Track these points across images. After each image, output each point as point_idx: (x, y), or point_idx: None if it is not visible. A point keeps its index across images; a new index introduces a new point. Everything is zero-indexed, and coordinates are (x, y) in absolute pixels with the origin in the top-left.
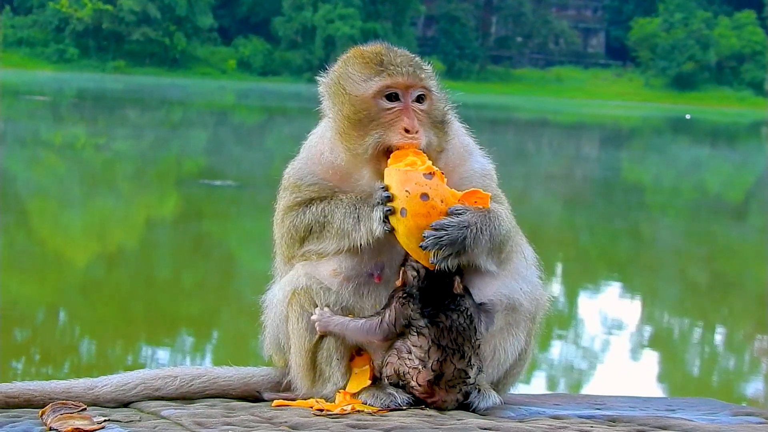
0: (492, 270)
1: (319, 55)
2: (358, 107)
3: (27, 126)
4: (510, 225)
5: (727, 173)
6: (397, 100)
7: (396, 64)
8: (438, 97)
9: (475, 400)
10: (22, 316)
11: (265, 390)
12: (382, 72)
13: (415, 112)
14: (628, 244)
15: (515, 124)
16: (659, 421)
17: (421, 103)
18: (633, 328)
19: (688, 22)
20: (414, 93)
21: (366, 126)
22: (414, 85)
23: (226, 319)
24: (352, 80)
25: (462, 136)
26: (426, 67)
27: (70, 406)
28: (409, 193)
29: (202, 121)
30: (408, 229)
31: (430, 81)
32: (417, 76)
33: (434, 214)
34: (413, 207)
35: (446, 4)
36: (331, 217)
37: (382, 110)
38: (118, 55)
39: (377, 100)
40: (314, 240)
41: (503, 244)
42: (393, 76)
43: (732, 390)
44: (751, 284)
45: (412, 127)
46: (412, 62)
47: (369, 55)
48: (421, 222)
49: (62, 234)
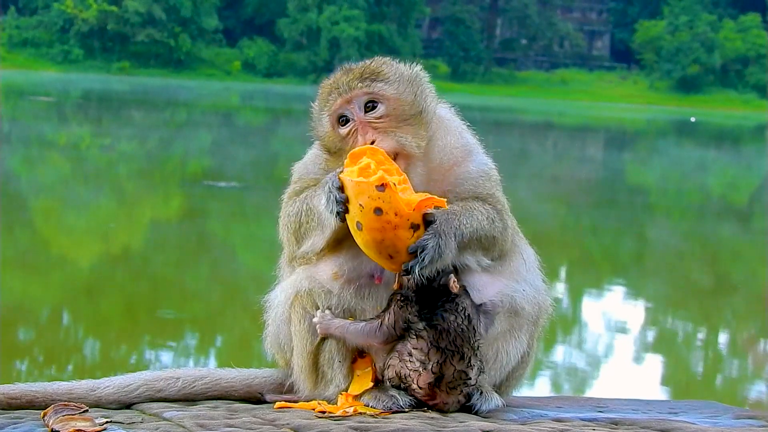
0: (486, 265)
1: (323, 56)
2: (328, 143)
3: (32, 126)
4: (493, 222)
5: (732, 176)
6: (349, 120)
7: (338, 86)
8: (398, 95)
9: (477, 403)
10: (25, 317)
11: (268, 392)
12: (327, 102)
13: (370, 122)
14: (631, 246)
15: (520, 127)
16: (661, 424)
17: (374, 110)
18: (636, 330)
19: (693, 25)
20: (359, 104)
21: (340, 156)
22: (354, 97)
23: (230, 321)
24: (315, 121)
25: (461, 135)
26: (381, 68)
27: (72, 408)
28: (363, 207)
29: (207, 122)
30: (365, 242)
31: (376, 84)
32: (353, 88)
33: (389, 229)
34: (368, 222)
35: (451, 6)
36: (311, 202)
37: (344, 138)
38: (123, 56)
39: (336, 130)
40: (305, 234)
41: (481, 239)
42: (334, 100)
43: (735, 393)
44: (755, 287)
45: (363, 142)
46: (354, 74)
47: (323, 89)
48: (377, 236)
49: (66, 234)
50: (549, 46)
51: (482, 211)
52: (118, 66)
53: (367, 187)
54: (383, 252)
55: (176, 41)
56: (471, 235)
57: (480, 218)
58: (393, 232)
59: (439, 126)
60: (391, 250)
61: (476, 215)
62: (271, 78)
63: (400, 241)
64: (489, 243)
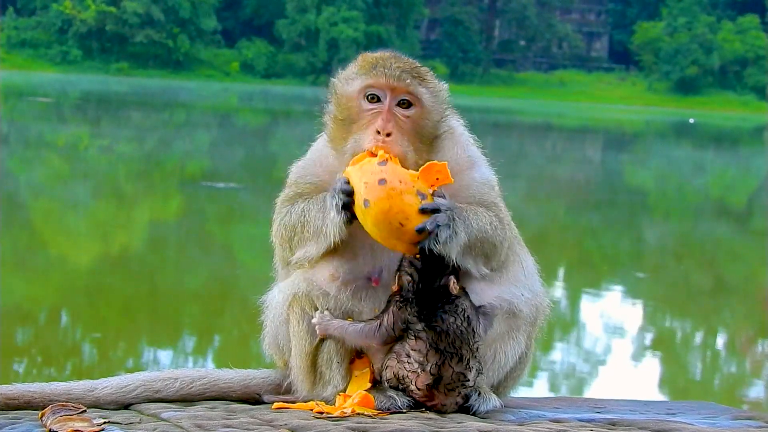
0: (484, 273)
1: (322, 57)
2: (343, 106)
3: (30, 127)
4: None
5: (730, 177)
6: (379, 101)
7: (386, 66)
8: (430, 108)
9: (475, 403)
10: (23, 317)
11: (265, 392)
12: (369, 72)
13: (395, 116)
14: (630, 247)
15: (519, 128)
16: (659, 424)
17: (407, 108)
18: (634, 331)
19: (691, 27)
20: (397, 97)
21: (348, 127)
22: (397, 88)
23: (228, 322)
24: (343, 79)
25: (468, 147)
26: (426, 76)
27: (70, 408)
28: (367, 183)
29: (206, 123)
30: (374, 218)
31: (420, 88)
32: (403, 80)
33: (395, 195)
34: (374, 194)
35: (450, 7)
36: (308, 215)
37: (363, 111)
38: (121, 57)
39: (359, 101)
40: (299, 243)
41: (484, 243)
42: (376, 76)
43: (733, 394)
44: (753, 288)
45: (382, 128)
46: (406, 67)
47: (369, 58)
48: (384, 205)
49: (65, 235)
50: (547, 47)
51: (486, 215)
52: (117, 67)
53: (369, 165)
54: (393, 221)
55: (175, 42)
56: (477, 233)
57: (484, 221)
58: (400, 198)
59: (449, 137)
60: (400, 217)
61: (481, 217)
62: (269, 79)
63: (408, 206)
64: (490, 249)
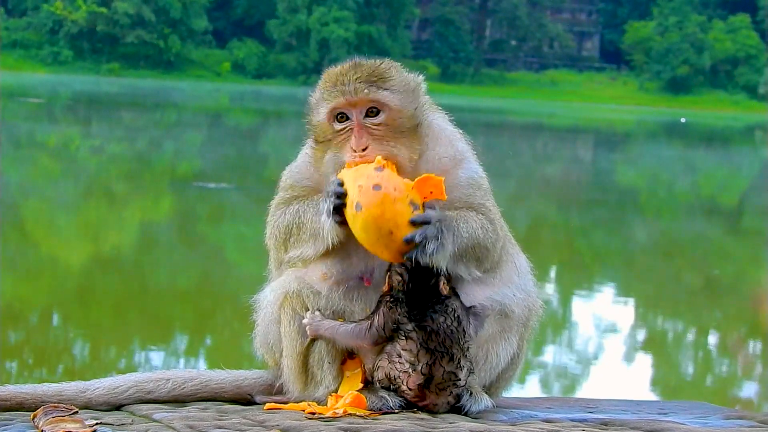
0: (477, 277)
1: (313, 58)
2: (318, 132)
3: (21, 128)
4: (487, 232)
5: (722, 177)
6: (348, 119)
7: (344, 83)
8: (399, 106)
9: (467, 404)
10: (15, 318)
11: (258, 393)
12: (330, 95)
13: (368, 127)
14: (621, 246)
15: (510, 128)
16: (651, 424)
17: (375, 116)
18: (626, 331)
19: (682, 26)
20: (361, 108)
21: (326, 147)
22: (359, 102)
23: (220, 323)
24: (313, 106)
25: (456, 142)
26: (386, 75)
27: (62, 409)
28: (362, 187)
29: (197, 124)
30: (364, 222)
31: (382, 92)
32: (361, 91)
33: (388, 202)
34: (367, 198)
35: (441, 7)
36: (303, 217)
37: (336, 133)
38: (112, 58)
39: (331, 123)
40: (295, 244)
41: (475, 249)
42: (337, 97)
43: (725, 393)
44: (745, 287)
45: (357, 145)
46: (363, 77)
47: (329, 78)
48: (376, 211)
49: (56, 236)
50: (539, 47)
51: (476, 220)
52: (108, 67)
53: (365, 168)
54: (384, 228)
55: (166, 42)
56: (467, 243)
57: (475, 227)
58: (392, 206)
59: (431, 135)
60: (391, 224)
61: (471, 224)
62: (260, 79)
63: (399, 215)
64: (482, 253)
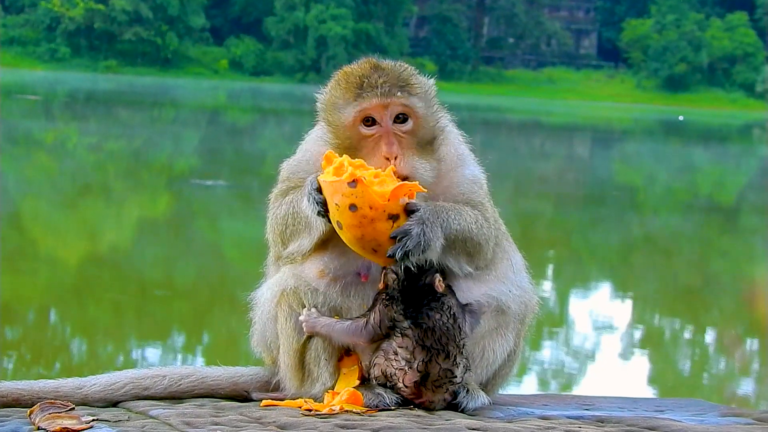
0: (468, 272)
1: (311, 55)
2: (342, 136)
3: (19, 125)
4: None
5: (719, 175)
6: (375, 123)
7: (373, 84)
8: (425, 114)
9: (463, 401)
10: (12, 315)
11: (254, 390)
12: (359, 96)
13: (396, 135)
14: (619, 244)
15: (507, 125)
16: (647, 421)
17: (404, 123)
18: (623, 328)
19: (680, 24)
20: (392, 112)
21: (353, 154)
22: (390, 104)
23: (217, 319)
24: (334, 108)
25: (457, 145)
26: (412, 81)
27: (59, 406)
28: (339, 206)
29: (194, 121)
30: (348, 241)
31: (412, 98)
32: (393, 94)
33: (366, 223)
34: (345, 220)
35: (438, 4)
36: (298, 206)
37: (363, 137)
38: (109, 55)
39: (357, 128)
40: (292, 235)
41: (467, 242)
42: (368, 98)
43: (721, 391)
44: (741, 285)
45: (391, 153)
46: (392, 79)
47: (351, 79)
48: (356, 233)
49: (53, 233)
50: (536, 44)
51: (471, 214)
52: (105, 64)
53: (340, 185)
54: (366, 247)
55: (163, 40)
56: (458, 233)
57: (468, 220)
58: (371, 226)
59: (442, 136)
60: (373, 244)
61: (465, 216)
62: (258, 77)
63: (379, 234)
64: (474, 248)
